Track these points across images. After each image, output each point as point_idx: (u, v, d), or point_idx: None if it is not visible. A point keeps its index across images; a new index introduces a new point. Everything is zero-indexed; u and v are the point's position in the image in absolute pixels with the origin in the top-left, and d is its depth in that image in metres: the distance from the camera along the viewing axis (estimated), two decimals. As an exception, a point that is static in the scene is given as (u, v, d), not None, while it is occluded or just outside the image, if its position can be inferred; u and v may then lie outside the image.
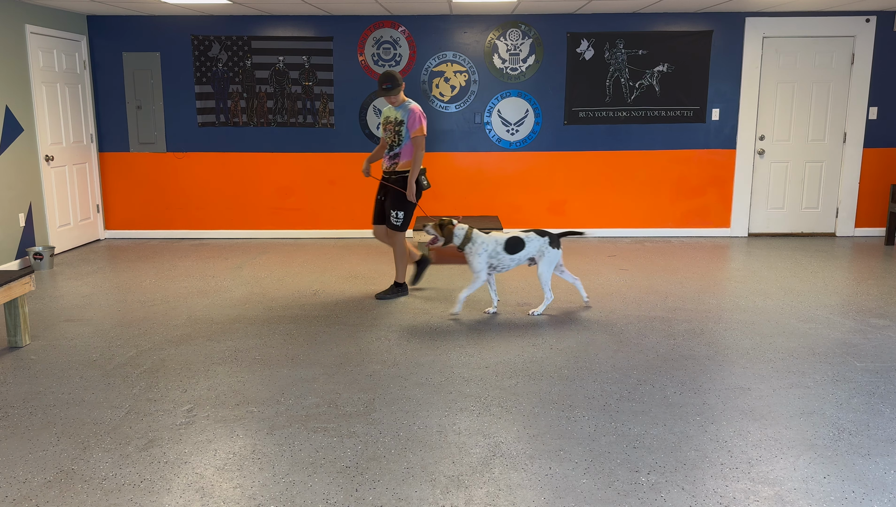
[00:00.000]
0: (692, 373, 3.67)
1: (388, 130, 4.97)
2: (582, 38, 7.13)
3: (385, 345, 4.13)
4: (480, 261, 4.57)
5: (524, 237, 4.62)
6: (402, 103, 4.91)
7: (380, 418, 3.15)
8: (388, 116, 4.98)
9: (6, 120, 6.00)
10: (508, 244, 4.59)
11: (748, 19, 7.07)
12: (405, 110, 4.88)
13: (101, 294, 5.30)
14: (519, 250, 4.61)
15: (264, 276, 5.86)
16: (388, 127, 4.96)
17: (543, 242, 4.65)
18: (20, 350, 4.08)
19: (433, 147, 7.35)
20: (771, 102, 7.26)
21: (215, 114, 7.30)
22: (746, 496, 2.51)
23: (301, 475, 2.67)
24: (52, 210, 6.63)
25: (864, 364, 3.78)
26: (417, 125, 4.84)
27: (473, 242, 4.59)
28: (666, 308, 4.85)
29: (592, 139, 7.34)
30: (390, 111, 4.96)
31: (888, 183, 7.41)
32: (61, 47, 6.75)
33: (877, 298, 5.08)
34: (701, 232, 7.52)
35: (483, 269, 4.59)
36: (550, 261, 4.65)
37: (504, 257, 4.61)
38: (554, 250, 4.65)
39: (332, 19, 7.12)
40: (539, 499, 2.50)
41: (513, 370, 3.71)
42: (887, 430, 3.02)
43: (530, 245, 4.62)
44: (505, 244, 4.59)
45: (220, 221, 7.53)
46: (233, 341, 4.21)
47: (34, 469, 2.73)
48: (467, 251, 4.60)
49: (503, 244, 4.59)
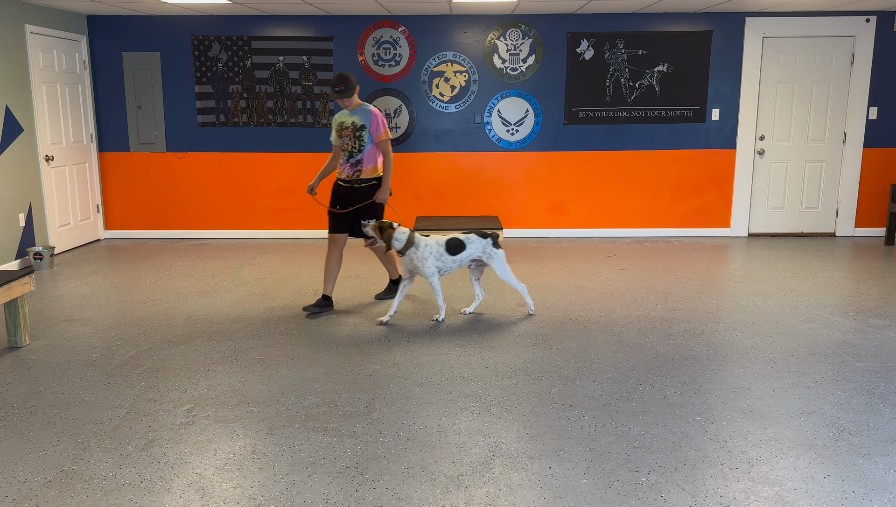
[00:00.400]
0: (692, 373, 3.67)
1: (345, 137, 4.67)
2: (582, 38, 7.13)
3: (385, 345, 4.13)
4: (430, 264, 4.45)
5: (465, 239, 4.52)
6: (359, 107, 4.67)
7: (380, 418, 3.15)
8: (342, 121, 4.70)
9: (6, 120, 6.00)
10: (449, 246, 4.49)
11: (748, 19, 7.07)
12: (365, 114, 4.64)
13: (101, 294, 5.30)
14: (460, 252, 4.51)
15: (264, 276, 5.85)
16: (344, 133, 4.67)
17: (487, 243, 4.55)
18: (20, 350, 4.08)
19: (433, 147, 7.35)
20: (771, 102, 7.26)
21: (215, 114, 7.30)
22: (746, 496, 2.51)
23: (301, 475, 2.67)
24: (52, 210, 6.63)
25: (864, 364, 3.78)
26: (382, 129, 4.64)
27: (417, 247, 4.44)
28: (666, 308, 4.85)
29: (592, 139, 7.34)
30: (345, 116, 4.70)
31: (888, 183, 7.41)
32: (61, 47, 6.75)
33: (877, 298, 5.08)
34: (701, 232, 7.52)
35: (434, 272, 4.47)
36: (501, 259, 4.56)
37: (447, 259, 4.49)
38: (499, 250, 4.57)
39: (332, 19, 7.12)
40: (539, 499, 2.50)
41: (513, 370, 3.71)
42: (887, 430, 3.02)
43: (472, 246, 4.52)
44: (446, 246, 4.49)
45: (220, 221, 7.53)
46: (233, 341, 4.21)
47: (34, 469, 2.73)
48: (412, 256, 4.44)
49: (444, 246, 4.49)
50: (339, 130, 4.71)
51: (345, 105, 4.63)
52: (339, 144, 4.73)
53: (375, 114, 4.63)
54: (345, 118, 4.70)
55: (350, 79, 4.53)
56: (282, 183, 7.43)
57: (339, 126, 4.72)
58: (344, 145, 4.70)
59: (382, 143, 4.68)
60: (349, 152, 4.68)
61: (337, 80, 4.52)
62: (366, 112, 4.65)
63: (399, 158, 7.37)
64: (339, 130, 4.71)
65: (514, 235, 7.53)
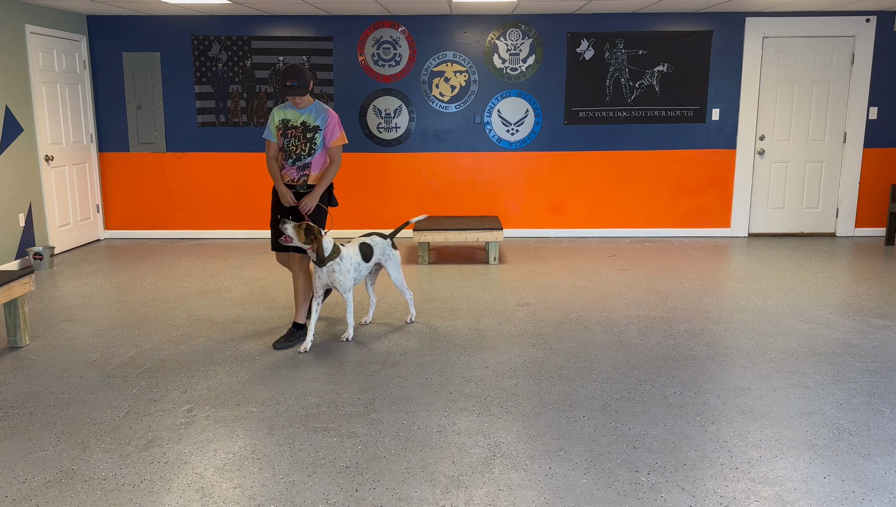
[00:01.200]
0: (692, 373, 3.67)
1: (291, 137, 4.06)
2: (582, 38, 7.13)
3: (385, 345, 4.13)
4: (350, 278, 4.06)
5: (370, 241, 4.25)
6: (311, 105, 4.09)
7: (380, 418, 3.15)
8: (288, 119, 4.07)
9: (6, 120, 6.00)
10: (363, 252, 4.18)
11: (748, 19, 7.07)
12: (320, 113, 4.07)
13: (101, 294, 5.30)
14: (371, 255, 4.23)
15: (264, 276, 5.85)
16: (291, 133, 4.06)
17: (386, 244, 4.36)
18: (20, 350, 4.08)
19: (434, 147, 7.35)
20: (771, 102, 7.26)
21: (215, 114, 7.30)
22: (746, 496, 2.51)
23: (301, 475, 2.67)
24: (51, 210, 6.63)
25: (864, 364, 3.78)
26: (339, 132, 4.09)
27: (342, 259, 4.01)
28: (666, 308, 4.85)
29: (592, 139, 7.34)
30: (292, 113, 4.07)
31: (888, 183, 7.41)
32: (61, 47, 6.75)
33: (877, 298, 5.07)
34: (701, 232, 7.52)
35: (351, 287, 4.09)
36: (397, 263, 4.38)
37: (363, 268, 4.18)
38: (396, 252, 4.39)
39: (332, 19, 7.12)
40: (539, 499, 2.50)
41: (513, 370, 3.71)
42: (887, 430, 3.01)
43: (376, 249, 4.28)
44: (360, 253, 4.17)
45: (220, 221, 7.53)
46: (233, 341, 4.21)
47: (34, 469, 2.73)
48: (335, 269, 3.99)
49: (360, 253, 4.16)
50: (284, 128, 4.08)
51: (296, 102, 4.06)
52: (282, 145, 4.10)
53: (332, 115, 4.08)
54: (291, 115, 4.08)
55: (306, 74, 3.97)
56: (282, 183, 7.42)
57: (282, 123, 4.09)
58: (289, 146, 4.07)
59: (335, 148, 4.11)
60: (296, 155, 4.06)
61: (290, 72, 3.93)
62: (320, 111, 4.08)
63: (399, 158, 7.37)
64: (284, 128, 4.08)
65: (514, 235, 7.53)
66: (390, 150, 7.36)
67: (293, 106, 4.10)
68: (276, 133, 4.11)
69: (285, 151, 4.09)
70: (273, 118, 4.11)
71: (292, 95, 3.98)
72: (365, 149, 7.34)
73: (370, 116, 7.29)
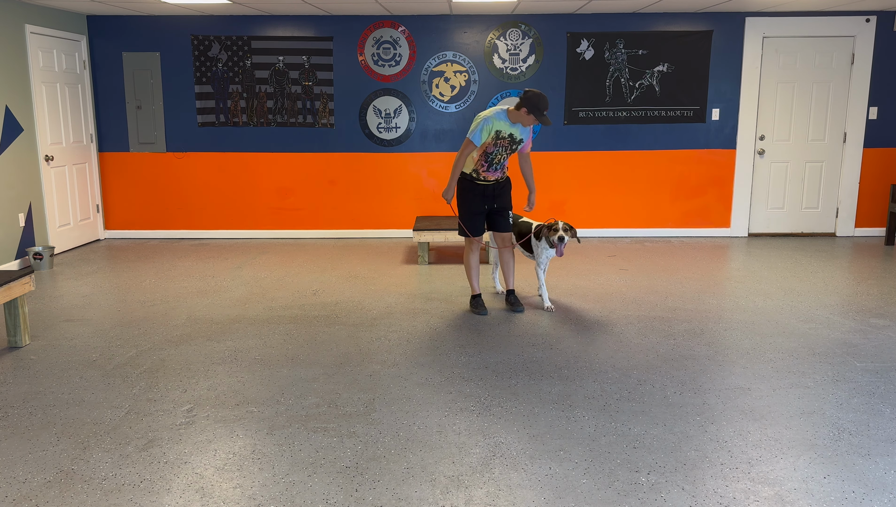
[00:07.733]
0: (692, 373, 3.67)
1: (500, 146, 4.52)
2: (582, 38, 7.13)
3: (385, 345, 4.13)
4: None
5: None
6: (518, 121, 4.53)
7: (380, 418, 3.15)
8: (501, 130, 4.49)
9: (6, 120, 6.00)
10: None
11: (748, 19, 7.07)
12: (525, 130, 4.58)
13: (100, 294, 5.30)
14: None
15: (264, 276, 5.85)
16: (501, 143, 4.51)
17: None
18: (20, 350, 4.08)
19: (433, 147, 7.35)
20: (771, 102, 7.26)
21: (215, 114, 7.30)
22: (746, 496, 2.51)
23: (301, 475, 2.67)
24: (51, 210, 6.63)
25: (864, 364, 3.78)
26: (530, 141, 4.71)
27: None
28: (666, 308, 4.85)
29: (592, 139, 7.34)
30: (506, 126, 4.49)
31: (888, 183, 7.41)
32: (61, 47, 6.75)
33: (877, 298, 5.08)
34: (701, 232, 7.52)
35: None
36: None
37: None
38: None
39: (332, 19, 7.12)
40: (539, 499, 2.50)
41: (513, 370, 3.71)
42: (887, 430, 3.02)
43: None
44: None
45: (220, 221, 7.53)
46: (233, 341, 4.21)
47: (34, 469, 2.73)
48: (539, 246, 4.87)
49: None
50: (496, 138, 4.47)
51: (522, 121, 4.45)
52: (491, 150, 4.50)
53: (531, 132, 4.64)
54: (505, 127, 4.47)
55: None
56: (282, 183, 7.43)
57: (496, 134, 4.47)
58: (497, 153, 4.52)
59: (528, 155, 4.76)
60: (498, 161, 4.55)
61: (545, 103, 4.32)
62: (526, 129, 4.55)
63: (399, 158, 7.37)
64: (496, 138, 4.47)
65: (514, 235, 7.52)
66: (390, 150, 7.36)
67: (507, 119, 4.47)
68: (488, 140, 4.47)
69: (490, 156, 4.52)
70: (490, 128, 4.44)
71: (538, 120, 4.37)
72: (365, 149, 7.34)
73: (370, 116, 7.29)
